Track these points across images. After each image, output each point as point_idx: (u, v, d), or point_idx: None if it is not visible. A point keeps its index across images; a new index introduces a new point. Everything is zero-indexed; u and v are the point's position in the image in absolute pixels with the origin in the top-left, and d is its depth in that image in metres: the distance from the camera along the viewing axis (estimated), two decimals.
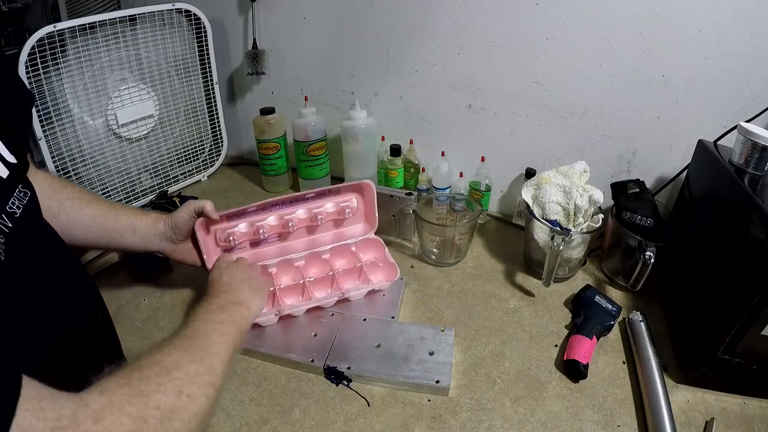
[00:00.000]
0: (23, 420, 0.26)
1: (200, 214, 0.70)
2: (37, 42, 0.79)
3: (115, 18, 0.89)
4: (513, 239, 0.95)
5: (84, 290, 0.51)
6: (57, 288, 0.45)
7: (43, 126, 0.84)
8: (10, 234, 0.36)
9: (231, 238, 0.76)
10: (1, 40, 1.56)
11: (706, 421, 0.59)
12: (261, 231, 0.77)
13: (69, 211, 0.61)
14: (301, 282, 0.75)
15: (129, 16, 0.92)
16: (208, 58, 1.08)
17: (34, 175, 0.58)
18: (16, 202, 0.39)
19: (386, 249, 0.83)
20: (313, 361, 0.64)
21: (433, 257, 0.88)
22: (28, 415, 0.27)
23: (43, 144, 0.85)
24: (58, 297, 0.44)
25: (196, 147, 1.15)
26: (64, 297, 0.46)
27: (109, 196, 1.00)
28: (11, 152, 0.41)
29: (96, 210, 0.64)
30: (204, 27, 1.04)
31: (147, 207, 1.03)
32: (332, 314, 0.72)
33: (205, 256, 0.74)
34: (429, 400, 0.61)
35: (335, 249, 0.82)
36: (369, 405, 0.61)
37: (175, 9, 0.99)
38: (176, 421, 0.34)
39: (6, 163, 0.39)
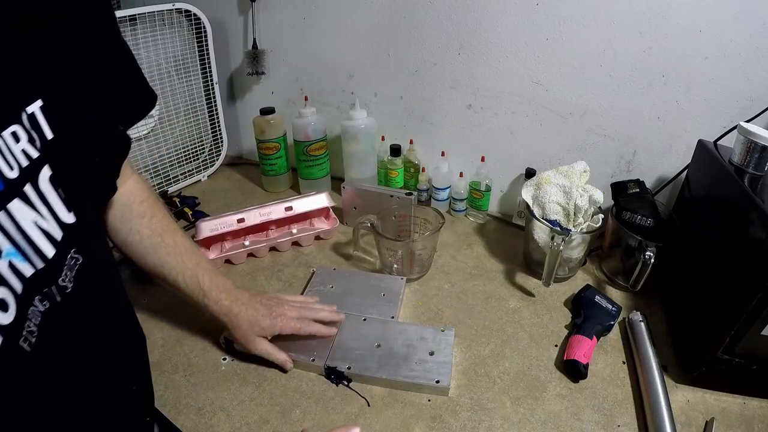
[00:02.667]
0: None
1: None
2: None
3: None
4: (513, 239, 0.95)
5: (132, 371, 0.44)
6: (99, 376, 0.38)
7: None
8: (53, 311, 0.31)
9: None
10: None
11: (706, 421, 0.59)
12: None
13: (137, 246, 0.58)
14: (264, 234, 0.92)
15: (129, 16, 0.92)
16: (208, 58, 1.08)
17: (120, 187, 0.54)
18: (68, 275, 0.33)
19: (330, 210, 0.96)
20: (313, 360, 0.64)
21: (395, 272, 0.83)
22: None
23: None
24: (97, 388, 0.37)
25: (196, 147, 1.15)
26: (106, 387, 0.38)
27: None
28: (71, 208, 0.34)
29: (171, 259, 0.60)
30: (204, 27, 1.04)
31: None
32: None
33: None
34: (429, 400, 0.61)
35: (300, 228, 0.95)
36: (369, 405, 0.61)
37: (175, 9, 0.99)
38: None
39: (61, 224, 0.32)
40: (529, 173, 0.94)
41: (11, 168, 0.29)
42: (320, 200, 0.94)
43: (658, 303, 0.78)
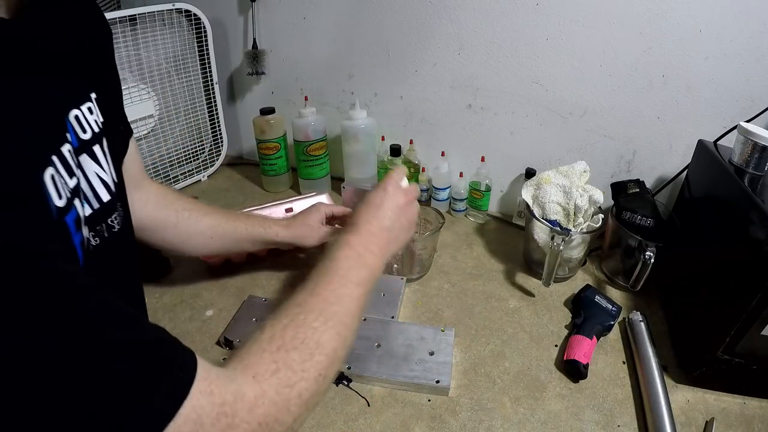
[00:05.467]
0: (197, 401, 0.29)
1: (330, 218, 0.78)
2: None
3: (115, 18, 0.89)
4: (513, 239, 0.95)
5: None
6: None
7: None
8: (103, 246, 0.39)
9: None
10: None
11: (706, 421, 0.59)
12: None
13: (188, 221, 0.66)
14: None
15: (129, 16, 0.92)
16: (208, 58, 1.08)
17: (148, 186, 0.64)
18: (117, 218, 0.42)
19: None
20: None
21: (395, 272, 0.83)
22: (201, 397, 0.29)
23: None
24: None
25: (196, 147, 1.15)
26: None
27: None
28: (116, 174, 0.43)
29: (214, 221, 0.69)
30: (204, 27, 1.04)
31: None
32: None
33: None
34: (429, 400, 0.61)
35: None
36: (369, 405, 0.61)
37: (175, 9, 0.99)
38: (311, 403, 0.37)
39: (113, 182, 0.42)
40: (529, 173, 0.94)
41: (84, 132, 0.38)
42: (320, 201, 0.93)
43: (658, 303, 0.78)
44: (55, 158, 0.31)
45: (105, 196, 0.40)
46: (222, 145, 1.20)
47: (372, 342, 0.67)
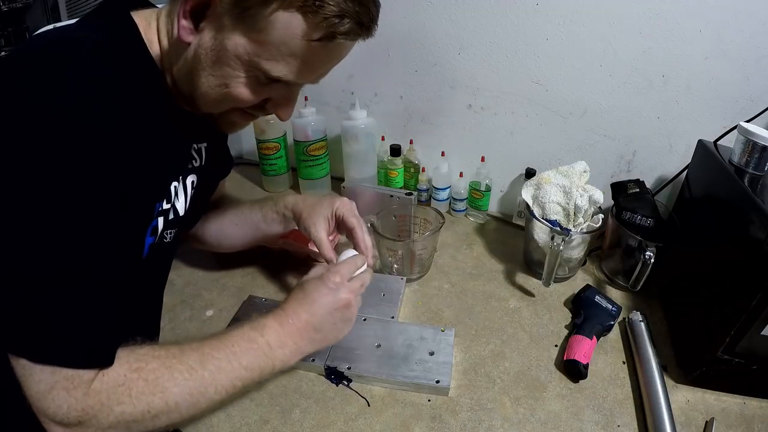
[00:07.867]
0: (72, 377, 0.39)
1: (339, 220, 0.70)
2: None
3: None
4: (513, 239, 0.95)
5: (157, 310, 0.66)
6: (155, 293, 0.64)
7: None
8: (157, 245, 0.52)
9: None
10: (1, 39, 1.56)
11: (706, 421, 0.59)
12: None
13: (214, 220, 0.75)
14: None
15: None
16: None
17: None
18: (170, 235, 0.56)
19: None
20: (313, 360, 0.64)
21: (395, 272, 0.84)
22: (83, 376, 0.40)
23: None
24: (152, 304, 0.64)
25: None
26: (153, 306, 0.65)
27: None
28: (189, 207, 0.58)
29: (236, 209, 0.76)
30: None
31: None
32: None
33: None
34: (429, 400, 0.61)
35: None
36: (369, 405, 0.61)
37: None
38: (132, 428, 0.42)
39: (184, 209, 0.57)
40: (529, 173, 0.94)
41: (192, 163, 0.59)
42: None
43: (658, 303, 0.78)
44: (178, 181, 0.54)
45: (170, 217, 0.53)
46: None
47: (372, 342, 0.67)
